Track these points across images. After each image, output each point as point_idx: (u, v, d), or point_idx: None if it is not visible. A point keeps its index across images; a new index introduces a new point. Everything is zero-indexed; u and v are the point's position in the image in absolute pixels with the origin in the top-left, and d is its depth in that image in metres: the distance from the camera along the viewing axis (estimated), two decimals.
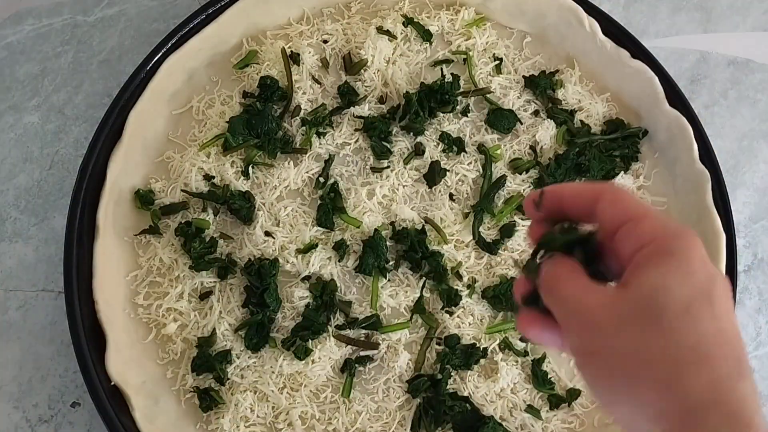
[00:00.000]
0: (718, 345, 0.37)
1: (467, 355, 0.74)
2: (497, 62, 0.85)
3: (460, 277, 0.77)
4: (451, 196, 0.80)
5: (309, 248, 0.77)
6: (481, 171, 0.81)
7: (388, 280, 0.77)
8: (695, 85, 0.91)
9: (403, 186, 0.80)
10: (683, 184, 0.79)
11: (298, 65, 0.84)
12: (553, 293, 0.42)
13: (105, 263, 0.74)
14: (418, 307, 0.75)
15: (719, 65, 0.92)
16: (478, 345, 0.74)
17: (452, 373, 0.73)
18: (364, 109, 0.82)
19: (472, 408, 0.72)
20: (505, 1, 0.86)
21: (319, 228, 0.78)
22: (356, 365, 0.73)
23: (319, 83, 0.84)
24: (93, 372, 0.70)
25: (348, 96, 0.83)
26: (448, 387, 0.73)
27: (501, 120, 0.82)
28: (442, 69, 0.85)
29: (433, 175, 0.80)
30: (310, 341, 0.73)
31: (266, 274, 0.74)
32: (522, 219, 0.79)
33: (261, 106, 0.81)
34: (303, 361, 0.73)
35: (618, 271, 0.41)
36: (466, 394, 0.73)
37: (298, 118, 0.82)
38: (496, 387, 0.73)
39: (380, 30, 0.85)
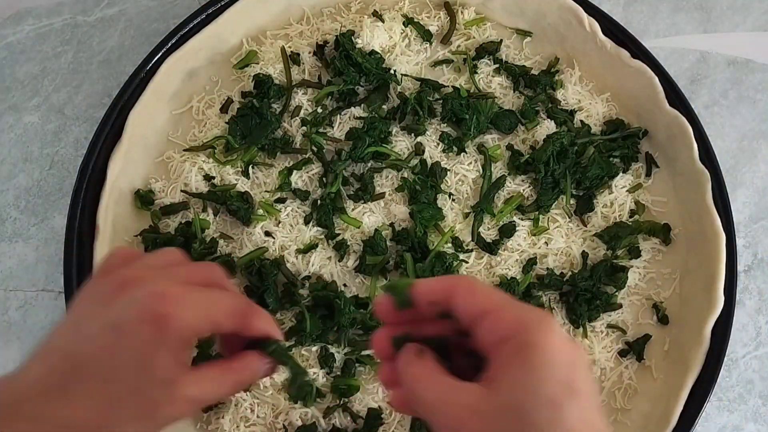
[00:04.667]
0: None
1: None
2: (497, 63, 0.85)
3: None
4: (450, 195, 0.80)
5: (309, 248, 0.77)
6: (481, 171, 0.81)
7: (388, 280, 0.77)
8: (695, 85, 0.91)
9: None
10: (683, 184, 0.79)
11: (298, 65, 0.84)
12: (417, 397, 0.41)
13: None
14: None
15: (719, 65, 0.92)
16: None
17: None
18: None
19: None
20: (504, 1, 0.86)
21: (319, 228, 0.78)
22: (356, 365, 0.73)
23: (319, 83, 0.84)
24: None
25: (348, 96, 0.83)
26: None
27: (501, 120, 0.82)
28: (442, 69, 0.85)
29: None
30: None
31: (267, 274, 0.74)
32: (521, 219, 0.79)
33: (258, 103, 0.81)
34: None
35: (475, 362, 0.42)
36: None
37: (298, 118, 0.82)
38: None
39: (375, 14, 0.85)
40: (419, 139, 0.82)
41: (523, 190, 0.80)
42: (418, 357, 0.42)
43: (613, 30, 0.84)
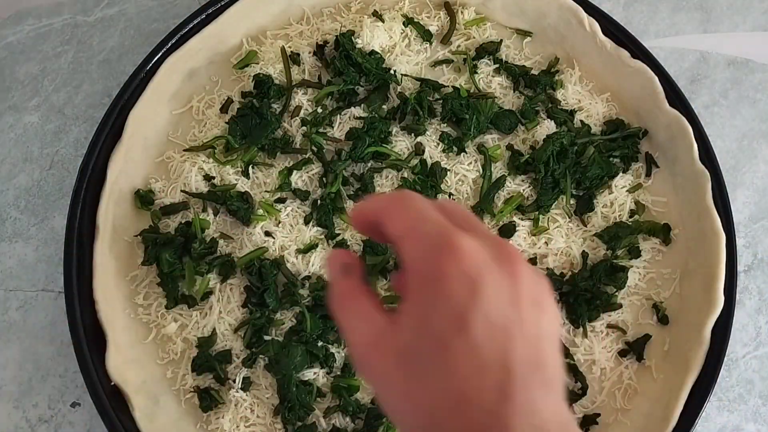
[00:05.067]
0: (472, 378, 0.33)
1: None
2: (497, 63, 0.85)
3: None
4: (450, 196, 0.80)
5: (309, 248, 0.77)
6: (481, 171, 0.81)
7: (388, 280, 0.77)
8: (695, 85, 0.91)
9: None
10: (683, 184, 0.79)
11: (298, 65, 0.84)
12: (334, 314, 0.39)
13: (105, 263, 0.74)
14: None
15: (719, 65, 0.92)
16: None
17: None
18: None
19: None
20: (505, 1, 0.86)
21: (319, 228, 0.78)
22: None
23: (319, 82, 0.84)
24: (93, 372, 0.70)
25: (348, 96, 0.83)
26: None
27: (501, 120, 0.82)
28: (442, 69, 0.85)
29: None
30: None
31: (267, 274, 0.74)
32: (521, 219, 0.79)
33: (258, 103, 0.81)
34: None
35: None
36: None
37: (298, 118, 0.82)
38: None
39: (375, 14, 0.85)
40: (419, 139, 0.82)
41: (523, 190, 0.80)
42: (344, 273, 0.39)
43: (613, 30, 0.84)
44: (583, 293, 0.76)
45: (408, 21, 0.86)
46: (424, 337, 0.34)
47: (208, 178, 0.79)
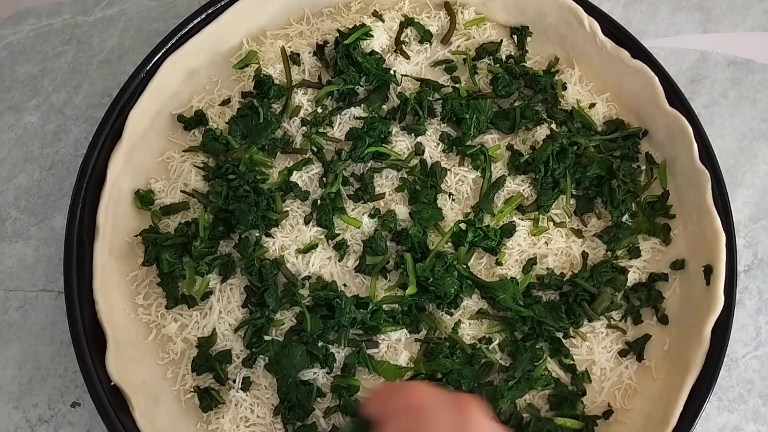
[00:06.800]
0: None
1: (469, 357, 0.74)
2: (497, 63, 0.85)
3: None
4: (450, 195, 0.80)
5: (309, 248, 0.77)
6: (481, 171, 0.81)
7: (388, 280, 0.77)
8: (695, 85, 0.91)
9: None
10: (683, 184, 0.79)
11: (298, 65, 0.84)
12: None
13: (105, 263, 0.74)
14: (418, 307, 0.75)
15: (719, 65, 0.92)
16: (478, 345, 0.75)
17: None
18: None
19: None
20: (505, 1, 0.86)
21: (319, 228, 0.78)
22: (357, 365, 0.73)
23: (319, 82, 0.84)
24: (93, 372, 0.70)
25: (348, 96, 0.83)
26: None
27: (501, 120, 0.82)
28: (442, 69, 0.85)
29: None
30: None
31: (267, 275, 0.74)
32: (521, 219, 0.79)
33: (258, 103, 0.81)
34: None
35: None
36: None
37: (297, 118, 0.82)
38: None
39: (375, 14, 0.85)
40: (419, 139, 0.82)
41: (523, 190, 0.80)
42: None
43: (613, 30, 0.84)
44: (583, 293, 0.76)
45: (408, 21, 0.86)
46: None
47: (207, 178, 0.79)
